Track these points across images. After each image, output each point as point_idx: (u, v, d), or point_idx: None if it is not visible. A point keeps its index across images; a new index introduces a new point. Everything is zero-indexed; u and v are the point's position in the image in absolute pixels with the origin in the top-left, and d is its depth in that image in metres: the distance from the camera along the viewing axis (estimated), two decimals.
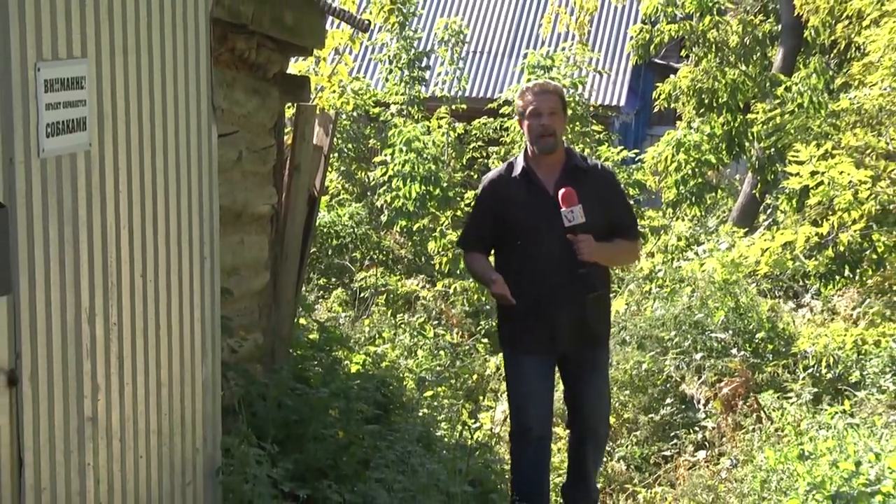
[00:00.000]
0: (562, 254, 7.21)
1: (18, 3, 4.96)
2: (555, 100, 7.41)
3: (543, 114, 7.34)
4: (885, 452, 8.73)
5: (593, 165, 7.64)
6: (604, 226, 7.34)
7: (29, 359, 5.06)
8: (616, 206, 7.57)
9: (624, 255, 8.02)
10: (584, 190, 7.24)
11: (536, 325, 7.47)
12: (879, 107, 12.06)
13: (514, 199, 7.42)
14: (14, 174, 4.95)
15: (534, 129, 7.37)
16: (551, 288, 7.35)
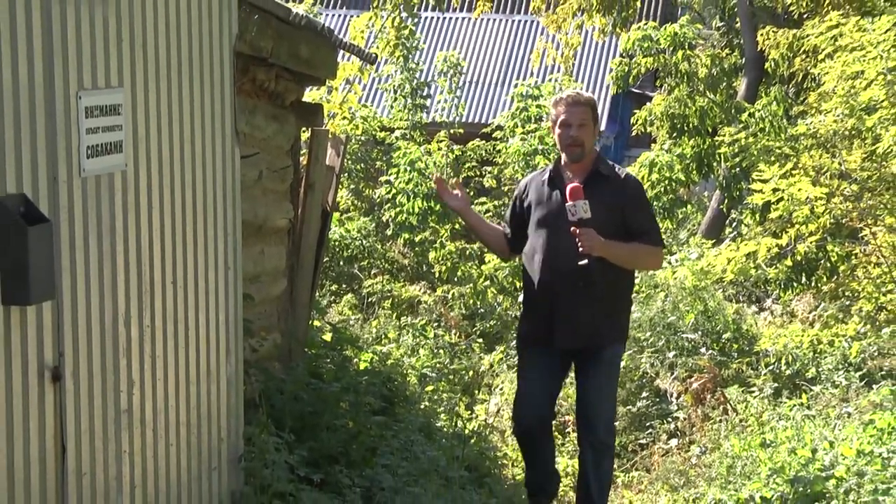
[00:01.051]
0: (568, 247, 6.96)
1: (62, 39, 4.96)
2: (585, 111, 7.20)
3: (573, 125, 7.15)
4: (839, 441, 8.72)
5: (618, 173, 7.34)
6: (616, 229, 7.07)
7: (71, 357, 5.06)
8: (633, 212, 7.25)
9: (640, 258, 7.46)
10: (599, 193, 7.03)
11: (544, 318, 7.23)
12: (833, 131, 12.05)
13: (538, 198, 7.29)
14: (58, 192, 4.95)
15: (563, 138, 7.20)
16: (556, 281, 7.11)
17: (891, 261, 11.35)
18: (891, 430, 8.72)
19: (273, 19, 7.75)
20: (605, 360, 7.33)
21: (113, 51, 5.33)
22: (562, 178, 7.20)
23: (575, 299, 7.09)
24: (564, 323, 7.15)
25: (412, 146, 18.00)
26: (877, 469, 8.16)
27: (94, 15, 5.19)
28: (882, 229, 11.52)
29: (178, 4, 5.87)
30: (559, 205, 7.08)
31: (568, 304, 7.10)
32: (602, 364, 7.32)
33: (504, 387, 11.69)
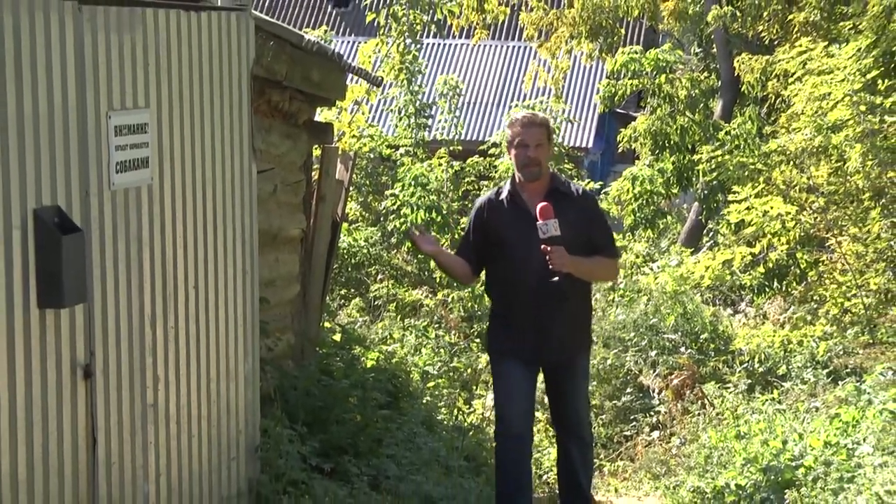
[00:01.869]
0: (540, 266, 6.50)
1: (93, 64, 4.97)
2: (541, 132, 6.78)
3: (530, 145, 6.69)
4: (807, 433, 8.72)
5: (575, 189, 6.91)
6: (582, 244, 6.66)
7: (101, 356, 5.06)
8: (594, 226, 6.85)
9: (601, 271, 7.11)
10: (563, 211, 6.58)
11: (517, 331, 6.81)
12: (802, 148, 12.06)
13: (501, 219, 6.79)
14: (90, 204, 4.96)
15: (520, 158, 6.72)
16: (530, 297, 6.66)
17: (855, 268, 11.35)
18: (855, 423, 8.71)
19: (287, 45, 7.76)
20: (580, 368, 7.05)
21: (140, 74, 5.34)
22: (522, 199, 6.78)
23: (552, 315, 6.70)
24: (546, 338, 6.77)
25: (415, 162, 18.01)
26: (842, 459, 8.16)
27: (123, 42, 5.20)
28: (847, 239, 11.52)
29: (199, 32, 5.88)
30: (527, 224, 6.60)
31: (546, 320, 6.72)
32: (578, 373, 7.04)
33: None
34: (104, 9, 5.11)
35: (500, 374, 7.00)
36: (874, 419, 8.64)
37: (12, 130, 4.47)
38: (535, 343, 6.76)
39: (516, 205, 6.75)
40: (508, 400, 6.92)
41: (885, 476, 7.77)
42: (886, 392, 8.94)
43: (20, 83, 4.51)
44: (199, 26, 5.89)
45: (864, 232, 11.29)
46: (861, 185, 11.45)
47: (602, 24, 18.34)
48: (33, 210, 4.58)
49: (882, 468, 7.91)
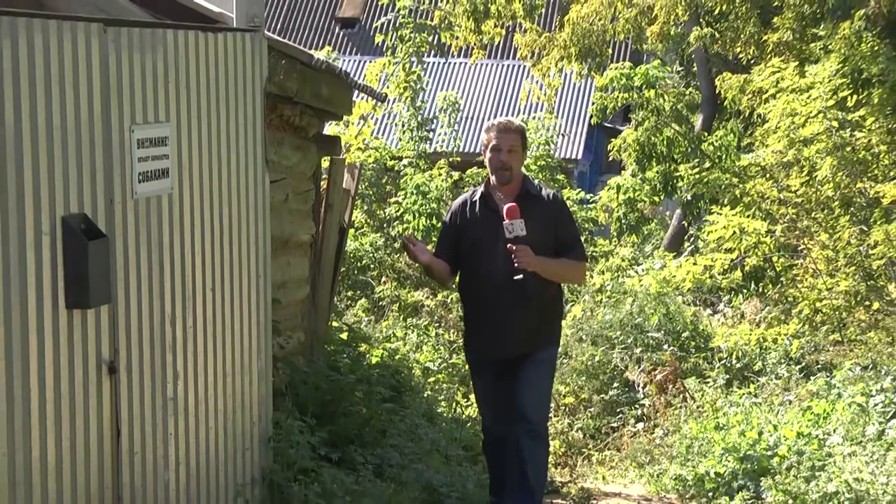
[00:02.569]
0: (505, 264, 6.35)
1: (117, 80, 4.97)
2: (515, 138, 6.61)
3: (503, 150, 6.56)
4: (781, 424, 8.73)
5: (546, 194, 6.72)
6: (550, 246, 6.51)
7: (125, 353, 5.06)
8: (561, 228, 6.65)
9: (567, 272, 6.86)
10: (532, 213, 6.44)
11: (484, 331, 6.68)
12: (776, 161, 12.08)
13: (472, 220, 6.66)
14: (114, 212, 4.96)
15: (493, 162, 6.59)
16: (495, 295, 6.50)
17: (825, 272, 11.36)
18: (826, 415, 8.72)
19: (298, 64, 7.76)
20: (538, 359, 6.68)
21: (161, 91, 5.34)
22: (492, 198, 6.64)
23: (513, 313, 6.51)
24: (505, 336, 6.58)
25: (417, 172, 18.02)
26: (814, 448, 8.17)
27: (145, 60, 5.20)
28: (818, 245, 11.54)
29: (216, 51, 5.88)
30: (495, 224, 6.46)
31: (507, 318, 6.54)
32: (536, 363, 6.67)
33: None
34: (128, 30, 5.11)
35: (475, 379, 6.96)
36: (843, 412, 8.65)
37: (42, 143, 4.47)
38: (496, 338, 6.59)
39: (488, 206, 6.62)
40: (484, 406, 6.86)
41: (853, 465, 7.77)
42: (854, 386, 8.95)
43: (50, 98, 4.52)
44: (216, 46, 5.89)
45: (834, 238, 11.31)
46: (831, 195, 11.46)
47: (591, 46, 18.34)
48: (61, 217, 4.58)
49: (851, 457, 7.91)
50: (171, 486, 5.47)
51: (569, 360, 11.76)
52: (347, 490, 6.72)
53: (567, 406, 11.36)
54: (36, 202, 4.45)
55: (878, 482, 7.51)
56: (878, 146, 11.44)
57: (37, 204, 4.45)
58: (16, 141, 4.34)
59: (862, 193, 11.25)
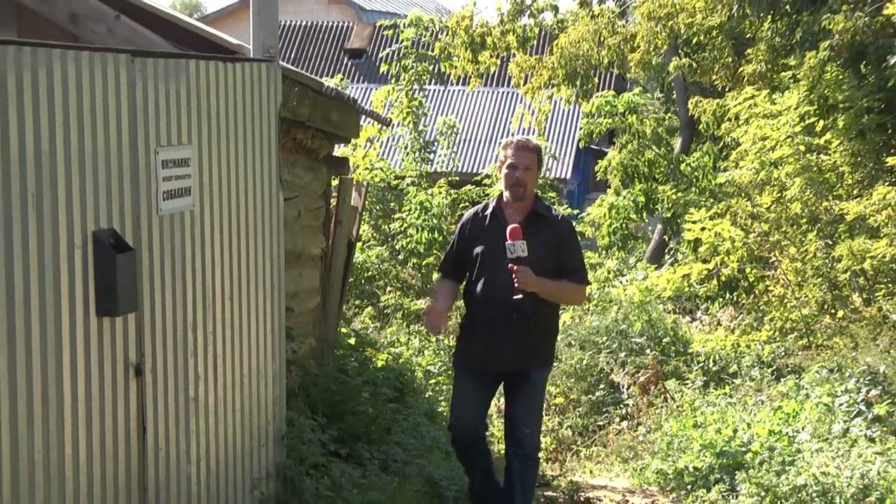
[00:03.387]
0: (505, 281, 6.07)
1: (143, 106, 4.98)
2: (531, 157, 6.32)
3: (519, 168, 6.26)
4: (754, 423, 8.72)
5: (554, 215, 6.43)
6: (552, 266, 6.22)
7: (150, 356, 5.06)
8: (565, 251, 6.35)
9: (567, 294, 6.55)
10: (538, 233, 6.19)
11: (473, 339, 6.36)
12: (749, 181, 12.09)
13: (480, 234, 6.35)
14: (140, 227, 4.96)
15: (509, 179, 6.28)
16: (493, 311, 6.20)
17: (794, 283, 11.36)
18: (795, 414, 8.72)
19: (310, 91, 7.77)
20: (532, 383, 6.39)
21: (183, 116, 5.35)
22: (504, 215, 6.33)
23: (509, 329, 6.18)
24: (498, 350, 6.25)
25: (419, 191, 18.03)
26: (784, 445, 8.16)
27: (169, 88, 5.21)
28: (787, 258, 11.54)
29: (234, 79, 5.89)
30: (500, 240, 6.15)
31: (502, 333, 6.21)
32: (530, 386, 6.38)
33: None
34: (153, 60, 5.12)
35: (455, 383, 6.66)
36: (811, 411, 8.64)
37: (75, 163, 4.48)
38: (484, 352, 6.29)
39: (497, 221, 6.32)
40: (455, 409, 6.52)
41: (820, 459, 7.77)
42: (821, 388, 8.95)
43: (82, 123, 4.52)
44: (235, 75, 5.90)
45: (802, 252, 11.31)
46: (799, 212, 11.47)
47: (577, 70, 18.36)
48: (92, 232, 4.59)
49: (818, 453, 7.91)
50: (193, 479, 5.47)
51: (559, 363, 11.75)
52: (355, 483, 6.72)
53: (557, 406, 11.35)
54: (69, 218, 4.46)
55: (843, 476, 7.51)
56: (843, 167, 11.46)
57: (70, 220, 4.46)
58: (51, 162, 4.35)
59: (828, 211, 11.26)
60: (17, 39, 4.33)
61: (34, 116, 4.26)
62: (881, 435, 8.21)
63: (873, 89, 11.50)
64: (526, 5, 20.67)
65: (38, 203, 4.28)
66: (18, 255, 4.20)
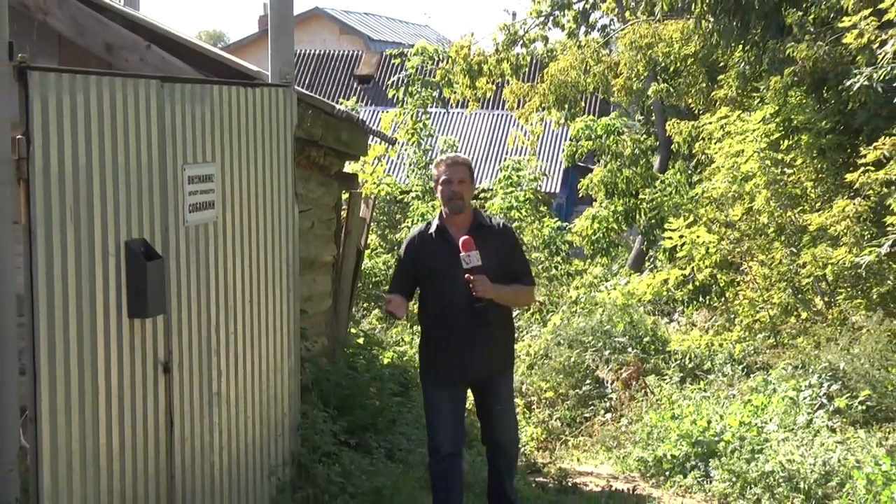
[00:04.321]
0: (465, 292, 5.74)
1: (171, 127, 4.99)
2: (464, 170, 6.00)
3: (454, 181, 5.92)
4: (726, 415, 8.71)
5: (496, 223, 6.12)
6: (503, 272, 5.89)
7: (177, 354, 5.06)
8: (513, 257, 6.06)
9: (520, 297, 6.27)
10: (486, 242, 5.84)
11: (444, 354, 5.95)
12: (722, 193, 12.09)
13: (429, 251, 5.98)
14: (168, 237, 4.97)
15: (445, 193, 5.94)
16: (457, 323, 5.85)
17: (762, 287, 11.36)
18: (763, 407, 8.71)
19: (322, 113, 7.78)
20: (504, 386, 6.11)
21: (208, 136, 5.36)
22: (449, 231, 5.97)
23: (475, 337, 5.87)
24: (467, 359, 5.89)
25: (423, 203, 18.04)
26: (753, 435, 8.16)
27: (195, 111, 5.22)
28: (756, 264, 11.54)
29: (254, 103, 5.90)
30: (452, 255, 5.79)
31: (471, 342, 5.87)
32: (501, 391, 6.08)
33: None
34: (181, 85, 5.13)
35: (428, 399, 6.14)
36: (778, 404, 8.64)
37: (109, 179, 4.49)
38: (458, 362, 5.92)
39: (443, 237, 5.96)
40: (436, 425, 6.06)
41: (786, 448, 7.77)
42: (787, 383, 8.94)
43: (115, 142, 4.54)
44: (254, 99, 5.91)
45: (769, 259, 11.31)
46: (767, 222, 11.47)
47: (565, 95, 18.42)
48: (124, 242, 4.60)
49: (784, 442, 7.91)
50: (216, 466, 5.47)
51: (549, 360, 11.74)
52: (363, 470, 6.72)
53: (547, 399, 11.33)
54: (103, 229, 4.46)
55: (807, 463, 7.51)
56: (806, 182, 11.46)
57: (104, 230, 4.47)
58: (87, 177, 4.35)
59: (792, 222, 11.26)
60: (58, 67, 4.35)
61: (72, 136, 4.27)
62: (841, 426, 8.21)
63: (833, 112, 11.51)
64: (519, 36, 20.78)
65: (76, 215, 4.29)
66: (58, 262, 4.20)
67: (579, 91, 18.67)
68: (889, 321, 9.41)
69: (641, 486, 8.31)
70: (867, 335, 9.19)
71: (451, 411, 6.02)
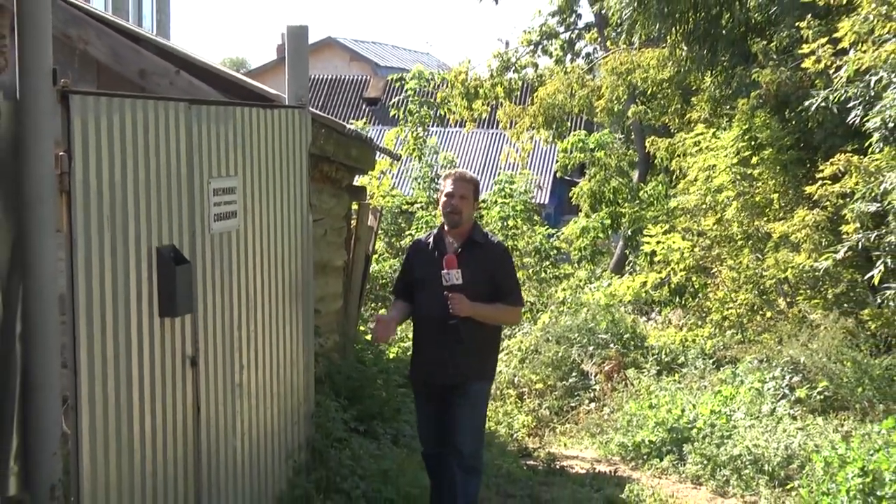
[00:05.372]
0: (443, 306, 5.50)
1: (198, 144, 5.00)
2: (467, 187, 5.72)
3: (455, 196, 5.67)
4: (698, 404, 8.73)
5: (490, 241, 5.79)
6: (488, 289, 5.59)
7: (203, 350, 5.07)
8: (500, 275, 5.69)
9: (501, 316, 5.82)
10: (475, 259, 5.58)
11: (424, 362, 5.74)
12: (695, 205, 12.11)
13: (423, 260, 5.75)
14: (195, 243, 4.98)
15: (445, 206, 5.71)
16: (431, 333, 5.64)
17: (730, 288, 11.37)
18: (732, 397, 8.72)
19: (334, 132, 7.80)
20: (470, 395, 5.68)
21: (231, 152, 5.37)
22: (444, 243, 5.73)
23: (446, 348, 5.58)
24: (438, 364, 5.63)
25: (426, 214, 18.05)
26: (723, 422, 8.18)
27: (219, 130, 5.23)
28: (725, 268, 11.56)
29: (272, 123, 5.92)
30: (438, 267, 5.59)
31: (441, 350, 5.60)
32: (468, 399, 5.67)
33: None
34: (207, 107, 5.15)
35: (416, 402, 6.00)
36: (745, 394, 8.66)
37: (142, 191, 4.50)
38: (431, 368, 5.68)
39: (438, 248, 5.72)
40: (421, 426, 5.89)
41: (752, 434, 7.78)
42: (753, 375, 8.96)
43: (148, 158, 4.55)
44: (273, 119, 5.93)
45: (737, 263, 11.33)
46: (735, 230, 11.49)
47: (553, 116, 18.48)
48: (156, 248, 4.61)
49: (750, 429, 7.93)
50: (238, 451, 5.48)
51: (539, 355, 11.75)
52: (371, 454, 6.72)
53: (537, 390, 11.34)
54: (137, 236, 4.48)
55: (771, 447, 7.53)
56: (770, 194, 11.49)
57: (137, 238, 4.48)
58: (122, 189, 4.37)
59: (758, 230, 11.28)
60: (96, 91, 4.37)
61: (109, 152, 4.29)
62: (802, 414, 8.24)
63: (794, 131, 11.54)
64: (511, 63, 20.84)
65: (112, 224, 4.30)
66: (96, 266, 4.22)
67: (565, 112, 18.71)
68: (844, 319, 9.44)
69: (622, 469, 8.33)
70: (824, 332, 9.22)
71: (429, 414, 5.77)
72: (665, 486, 7.69)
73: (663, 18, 12.91)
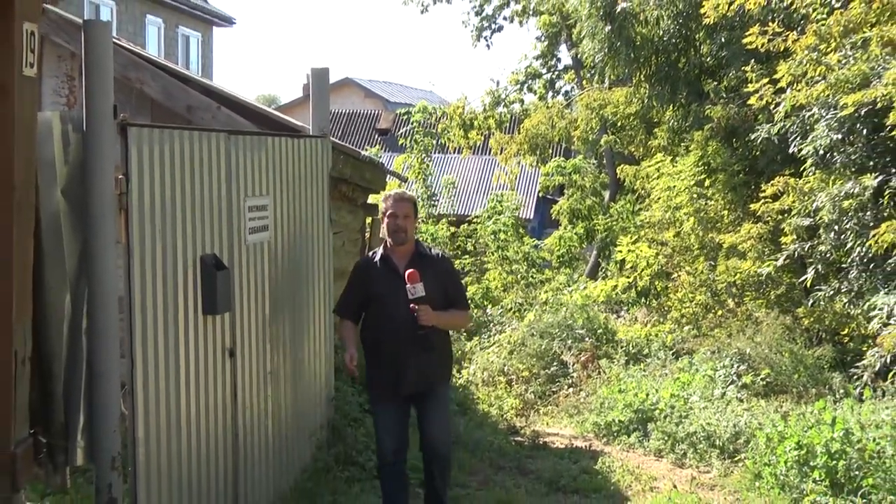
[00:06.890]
0: (407, 319, 5.14)
1: (236, 168, 5.03)
2: (409, 206, 5.34)
3: (399, 216, 5.29)
4: (660, 388, 8.73)
5: (435, 254, 5.48)
6: (442, 298, 5.27)
7: (240, 343, 5.09)
8: (450, 284, 5.40)
9: (457, 321, 5.66)
10: (427, 271, 5.23)
11: (388, 373, 5.26)
12: (659, 220, 12.13)
13: (375, 278, 5.32)
14: (233, 252, 5.00)
15: (391, 226, 5.32)
16: (398, 344, 5.20)
17: (688, 291, 11.38)
18: (688, 383, 8.73)
19: (350, 158, 7.82)
20: (439, 397, 5.39)
21: (264, 175, 5.39)
22: (392, 260, 5.33)
23: (416, 357, 5.20)
24: (405, 376, 5.22)
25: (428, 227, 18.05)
26: (681, 404, 8.18)
27: (254, 155, 5.26)
28: (683, 273, 11.57)
29: (299, 150, 5.95)
30: (396, 282, 5.20)
31: (411, 361, 5.21)
32: (438, 401, 5.38)
33: (477, 360, 11.65)
34: (243, 137, 5.18)
35: (376, 413, 5.46)
36: (699, 381, 8.66)
37: (188, 208, 4.53)
38: (397, 377, 5.24)
39: (388, 265, 5.33)
40: (381, 436, 5.39)
41: (706, 414, 7.78)
42: (707, 364, 8.97)
43: (193, 180, 4.57)
44: (299, 147, 5.96)
45: (694, 269, 11.34)
46: (692, 242, 11.51)
47: (537, 144, 18.54)
48: (200, 256, 4.63)
49: (704, 410, 7.93)
50: (269, 429, 5.49)
51: (525, 347, 11.73)
52: None
53: (524, 377, 11.31)
54: (184, 247, 4.50)
55: (721, 425, 7.53)
56: (721, 211, 11.51)
57: (185, 248, 4.50)
58: (171, 207, 4.39)
59: (711, 241, 11.30)
60: (150, 123, 4.39)
61: (160, 176, 4.31)
62: (747, 397, 8.24)
63: (741, 158, 11.57)
64: (501, 99, 20.93)
65: (163, 236, 4.33)
66: (149, 272, 4.24)
67: (547, 141, 18.77)
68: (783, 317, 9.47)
69: (595, 444, 8.33)
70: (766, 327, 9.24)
71: (394, 424, 5.32)
72: (632, 458, 7.70)
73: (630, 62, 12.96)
